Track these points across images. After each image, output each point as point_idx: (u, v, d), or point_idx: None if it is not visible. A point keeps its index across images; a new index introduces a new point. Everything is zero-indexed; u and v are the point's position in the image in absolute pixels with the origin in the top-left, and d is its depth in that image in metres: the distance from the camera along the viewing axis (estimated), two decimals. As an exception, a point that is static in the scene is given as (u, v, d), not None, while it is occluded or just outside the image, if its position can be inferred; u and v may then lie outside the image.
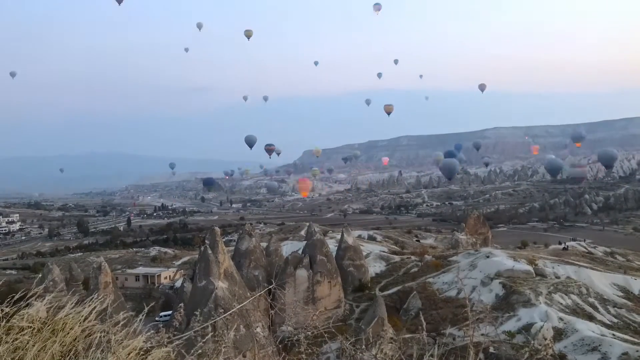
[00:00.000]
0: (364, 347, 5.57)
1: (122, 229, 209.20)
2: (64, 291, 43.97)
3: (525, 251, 77.52)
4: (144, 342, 4.01)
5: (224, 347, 5.50)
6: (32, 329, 3.73)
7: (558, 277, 53.89)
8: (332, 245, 62.94)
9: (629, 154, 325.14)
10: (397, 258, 69.71)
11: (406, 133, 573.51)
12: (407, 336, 32.80)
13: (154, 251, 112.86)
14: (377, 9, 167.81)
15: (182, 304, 37.74)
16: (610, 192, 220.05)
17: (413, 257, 68.41)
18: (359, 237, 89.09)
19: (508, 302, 47.90)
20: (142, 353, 3.90)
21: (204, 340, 5.98)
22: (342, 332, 7.81)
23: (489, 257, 59.83)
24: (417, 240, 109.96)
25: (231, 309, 31.88)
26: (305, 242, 59.49)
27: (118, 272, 76.49)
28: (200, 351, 5.29)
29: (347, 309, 53.68)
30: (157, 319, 46.69)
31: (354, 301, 55.63)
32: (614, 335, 40.32)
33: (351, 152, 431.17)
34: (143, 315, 4.45)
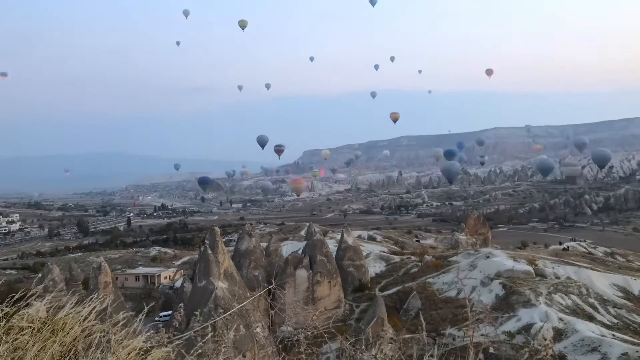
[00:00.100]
0: (363, 347, 5.57)
1: (122, 229, 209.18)
2: (64, 291, 44.00)
3: (525, 251, 77.41)
4: (143, 342, 4.01)
5: (223, 347, 5.50)
6: (32, 328, 3.73)
7: (558, 278, 53.89)
8: (332, 246, 62.94)
9: (629, 154, 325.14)
10: (397, 258, 69.69)
11: (406, 133, 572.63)
12: (407, 336, 32.82)
13: (154, 251, 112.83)
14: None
15: (182, 304, 37.72)
16: (610, 193, 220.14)
17: (413, 258, 68.41)
18: (359, 237, 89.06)
19: (508, 302, 47.89)
20: (142, 353, 3.90)
21: (204, 341, 5.98)
22: (342, 333, 7.81)
23: (489, 257, 59.82)
24: (417, 241, 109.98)
25: (231, 309, 31.87)
26: (305, 242, 59.48)
27: (118, 272, 76.49)
28: (200, 351, 5.30)
29: (347, 309, 53.66)
30: (157, 319, 46.69)
31: (353, 301, 55.61)
32: (613, 335, 40.31)
33: (351, 152, 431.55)
34: (143, 315, 4.45)
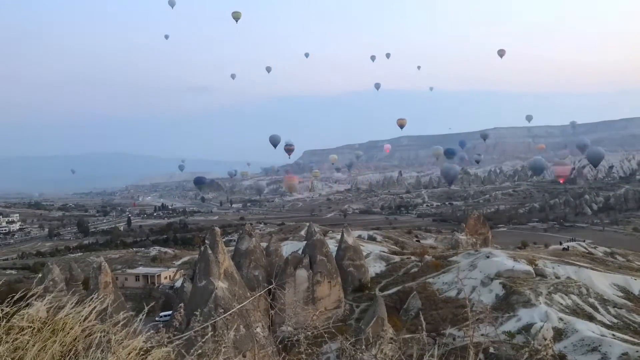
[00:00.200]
0: (363, 347, 5.57)
1: (122, 229, 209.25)
2: (64, 291, 43.96)
3: (525, 251, 77.35)
4: (144, 342, 4.01)
5: (223, 347, 5.50)
6: (32, 328, 3.73)
7: (558, 278, 53.87)
8: (332, 246, 62.92)
9: (629, 154, 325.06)
10: (397, 258, 69.67)
11: (406, 133, 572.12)
12: (407, 336, 32.80)
13: (154, 251, 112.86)
14: None
15: (182, 304, 37.72)
16: (610, 193, 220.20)
17: (413, 258, 68.39)
18: (359, 237, 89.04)
19: (508, 302, 47.88)
20: (142, 353, 3.90)
21: (204, 340, 5.98)
22: (342, 332, 7.81)
23: (489, 257, 59.80)
24: (417, 241, 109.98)
25: (231, 309, 31.86)
26: (305, 242, 59.45)
27: (118, 272, 76.51)
28: (200, 351, 5.30)
29: (347, 309, 53.64)
30: (157, 319, 46.71)
31: (353, 301, 55.60)
32: (613, 335, 40.30)
33: (351, 152, 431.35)
34: (143, 315, 4.45)
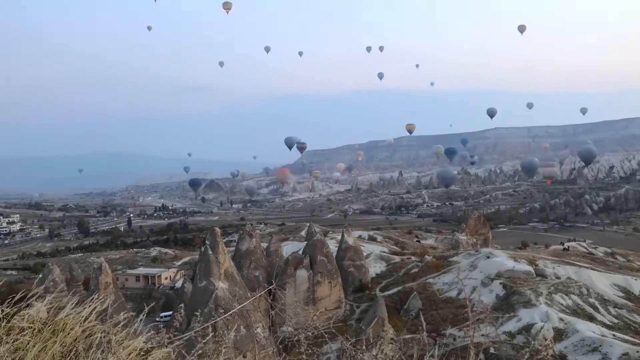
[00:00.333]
0: (364, 347, 5.57)
1: (122, 229, 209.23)
2: (65, 292, 43.96)
3: (525, 252, 77.30)
4: (144, 342, 4.01)
5: (224, 348, 5.50)
6: (32, 329, 3.73)
7: (558, 278, 53.84)
8: (332, 246, 62.90)
9: (629, 154, 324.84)
10: (397, 258, 69.64)
11: (406, 133, 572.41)
12: (408, 337, 32.83)
13: (155, 252, 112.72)
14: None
15: (182, 305, 37.70)
16: (610, 193, 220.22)
17: (413, 258, 68.35)
18: (360, 237, 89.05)
19: (508, 302, 47.85)
20: (142, 353, 3.90)
21: (205, 341, 5.98)
22: (343, 333, 7.80)
23: (489, 257, 59.77)
24: (417, 241, 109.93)
25: (231, 309, 31.86)
26: (306, 242, 59.42)
27: (118, 272, 76.45)
28: (200, 352, 5.30)
29: (347, 309, 53.61)
30: (157, 319, 46.65)
31: (354, 302, 55.57)
32: (614, 335, 40.27)
33: (352, 152, 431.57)
34: (143, 316, 4.46)
